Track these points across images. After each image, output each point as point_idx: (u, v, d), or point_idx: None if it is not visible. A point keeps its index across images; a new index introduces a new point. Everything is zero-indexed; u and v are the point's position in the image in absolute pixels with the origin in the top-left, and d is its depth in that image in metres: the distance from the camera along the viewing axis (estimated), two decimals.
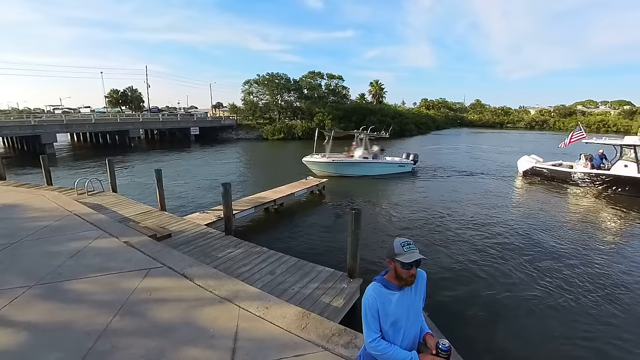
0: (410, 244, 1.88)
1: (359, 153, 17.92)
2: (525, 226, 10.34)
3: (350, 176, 17.30)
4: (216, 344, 3.18)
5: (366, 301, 1.90)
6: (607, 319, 5.69)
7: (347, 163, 17.34)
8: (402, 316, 1.92)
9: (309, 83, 50.73)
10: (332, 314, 4.50)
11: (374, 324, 1.87)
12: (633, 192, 13.65)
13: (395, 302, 1.90)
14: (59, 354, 3.05)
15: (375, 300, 1.87)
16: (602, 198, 13.75)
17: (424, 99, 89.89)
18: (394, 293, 1.91)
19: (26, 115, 36.49)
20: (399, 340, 1.92)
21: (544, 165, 17.18)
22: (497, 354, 4.91)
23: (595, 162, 15.48)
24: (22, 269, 4.74)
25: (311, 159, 17.52)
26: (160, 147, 33.72)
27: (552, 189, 15.33)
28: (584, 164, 15.66)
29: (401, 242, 1.88)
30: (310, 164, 17.55)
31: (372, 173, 17.71)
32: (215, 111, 66.01)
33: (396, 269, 1.89)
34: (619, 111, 78.54)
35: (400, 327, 1.92)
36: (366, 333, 1.89)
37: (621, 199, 13.34)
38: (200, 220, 8.36)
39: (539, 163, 17.50)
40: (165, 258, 5.06)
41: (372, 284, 1.97)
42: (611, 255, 8.27)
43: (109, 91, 67.30)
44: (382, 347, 1.84)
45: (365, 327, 1.90)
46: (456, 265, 7.66)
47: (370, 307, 1.87)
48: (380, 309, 1.87)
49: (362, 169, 17.58)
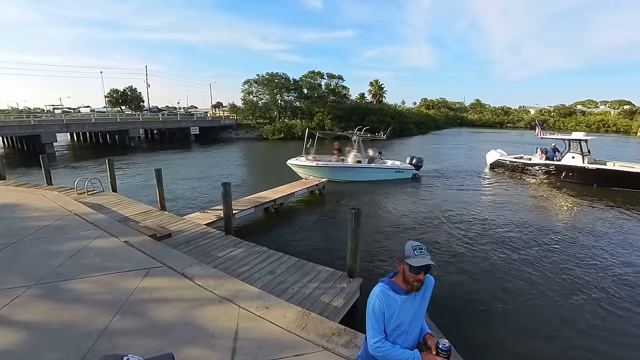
0: (422, 249, 1.85)
1: (351, 156, 16.42)
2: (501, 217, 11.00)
3: (338, 181, 15.64)
4: (216, 344, 3.18)
5: (372, 302, 1.88)
6: (607, 317, 5.70)
7: (334, 167, 15.72)
8: (407, 320, 1.91)
9: (309, 83, 50.65)
10: (332, 313, 4.50)
11: (378, 325, 1.85)
12: (579, 179, 16.32)
13: (400, 306, 1.88)
14: (59, 354, 3.05)
15: (382, 302, 1.85)
16: (555, 184, 16.51)
17: (424, 99, 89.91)
18: (400, 296, 1.89)
19: (26, 115, 36.49)
20: (401, 341, 1.91)
21: (507, 158, 19.65)
22: (497, 354, 4.91)
23: (550, 155, 17.99)
24: (22, 268, 4.74)
25: (296, 161, 16.13)
26: (160, 147, 33.70)
27: (515, 178, 17.89)
28: (540, 156, 18.20)
29: (413, 246, 1.85)
30: (295, 167, 16.20)
31: (363, 179, 16.00)
32: (215, 111, 65.95)
33: (404, 271, 1.87)
34: (618, 111, 78.54)
35: (404, 331, 1.91)
36: (370, 334, 1.87)
37: (570, 185, 16.14)
38: (200, 220, 8.36)
39: (503, 156, 19.90)
40: (165, 258, 5.06)
41: (378, 285, 1.95)
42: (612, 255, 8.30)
43: (109, 91, 67.19)
44: (385, 348, 1.83)
45: (369, 327, 1.88)
46: (455, 264, 7.66)
47: (375, 308, 1.85)
48: (386, 310, 1.85)
49: (351, 174, 15.97)
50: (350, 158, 16.45)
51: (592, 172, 15.87)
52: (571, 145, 16.93)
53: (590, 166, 15.98)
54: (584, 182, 16.02)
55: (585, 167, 16.04)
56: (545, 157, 17.95)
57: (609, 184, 15.40)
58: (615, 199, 13.54)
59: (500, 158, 19.88)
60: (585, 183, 15.96)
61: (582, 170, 16.15)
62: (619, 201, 13.29)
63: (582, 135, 16.86)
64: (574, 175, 16.49)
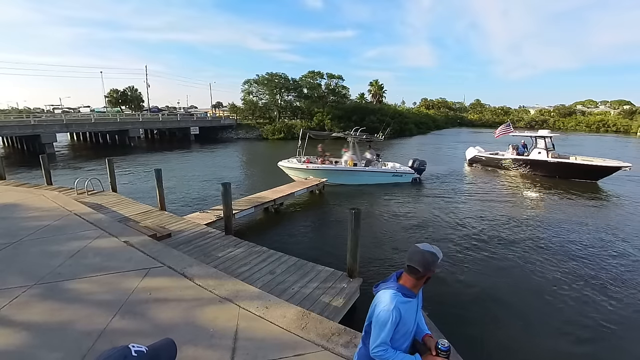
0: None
1: (345, 158, 15.76)
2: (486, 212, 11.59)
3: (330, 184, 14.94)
4: (216, 344, 3.18)
5: (391, 311, 1.78)
6: (606, 315, 5.71)
7: (326, 171, 14.96)
8: (412, 321, 1.90)
9: (309, 83, 50.62)
10: (332, 313, 4.51)
11: (388, 335, 1.80)
12: (544, 172, 18.10)
13: (410, 310, 1.87)
14: (59, 354, 3.05)
15: (399, 313, 1.80)
16: (524, 177, 18.33)
17: (423, 99, 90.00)
18: (411, 301, 1.87)
19: (26, 115, 36.48)
20: (404, 342, 1.90)
21: (483, 154, 21.63)
22: (497, 354, 4.92)
23: (520, 150, 19.73)
24: (22, 268, 4.74)
25: (287, 163, 15.57)
26: (160, 147, 33.69)
27: (490, 172, 19.89)
28: (511, 152, 20.03)
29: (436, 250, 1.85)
30: (286, 169, 15.65)
31: (356, 182, 15.20)
32: (215, 111, 65.91)
33: (428, 278, 1.86)
34: (618, 111, 78.48)
35: (409, 331, 1.91)
36: (379, 339, 1.80)
37: (537, 177, 17.97)
38: (200, 220, 8.36)
39: (480, 152, 21.80)
40: (165, 258, 5.06)
41: (392, 292, 1.84)
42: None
43: (109, 91, 67.29)
44: (388, 355, 1.81)
45: (378, 333, 1.81)
46: (455, 263, 7.66)
47: (394, 320, 1.78)
48: (400, 320, 1.81)
49: (345, 178, 15.23)
50: (345, 160, 15.72)
51: (554, 165, 17.67)
52: (537, 142, 18.68)
53: (551, 160, 17.72)
54: (549, 174, 17.86)
55: (548, 161, 17.81)
56: (515, 153, 19.67)
57: (569, 176, 17.17)
58: (571, 188, 15.38)
59: (477, 154, 21.74)
60: (549, 175, 17.82)
61: (546, 164, 17.90)
62: (572, 190, 15.21)
63: (547, 133, 18.74)
64: (539, 169, 18.25)
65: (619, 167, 15.89)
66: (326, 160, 15.85)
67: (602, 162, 16.61)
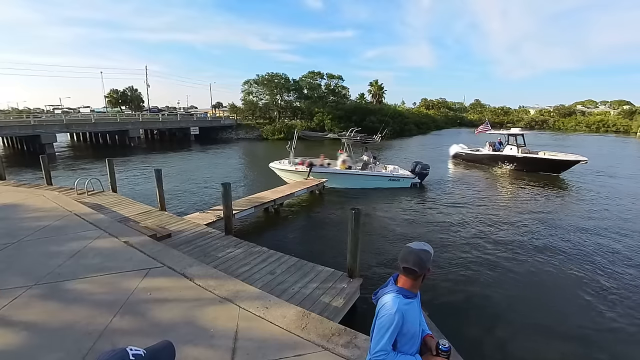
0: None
1: (340, 161, 15.18)
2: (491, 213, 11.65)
3: None
4: (216, 344, 3.18)
5: (393, 314, 1.76)
6: (606, 315, 5.71)
7: (317, 174, 14.43)
8: (417, 323, 1.87)
9: (309, 83, 50.69)
10: (332, 313, 4.51)
11: (390, 339, 1.78)
12: (517, 166, 19.80)
13: (413, 310, 1.86)
14: (59, 354, 3.05)
15: (402, 314, 1.78)
16: (497, 171, 20.17)
17: (423, 99, 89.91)
18: (412, 301, 1.86)
19: (26, 115, 36.55)
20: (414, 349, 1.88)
21: (464, 150, 23.66)
22: (497, 354, 4.91)
23: (496, 147, 21.68)
24: (22, 269, 4.74)
25: (278, 165, 15.23)
26: (160, 147, 33.69)
27: (469, 167, 21.67)
28: (488, 148, 22.03)
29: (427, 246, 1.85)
30: (277, 170, 15.30)
31: (349, 186, 14.68)
32: (215, 111, 65.91)
33: (425, 276, 1.85)
34: (618, 111, 78.45)
35: (418, 336, 1.89)
36: (381, 344, 1.77)
37: (508, 171, 19.83)
38: (200, 220, 8.36)
39: (462, 149, 23.81)
40: (165, 258, 5.06)
41: (393, 296, 1.82)
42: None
43: (109, 91, 67.26)
44: (389, 358, 1.79)
45: (380, 337, 1.78)
46: (455, 263, 7.65)
47: (396, 320, 1.76)
48: (403, 323, 1.79)
49: (337, 181, 14.68)
50: (339, 163, 15.13)
51: (522, 160, 19.48)
52: (509, 139, 20.77)
53: (519, 155, 19.56)
54: (519, 168, 19.64)
55: (516, 156, 19.71)
56: (492, 149, 21.70)
57: (535, 169, 18.94)
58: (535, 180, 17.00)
59: (458, 151, 23.94)
60: (519, 169, 19.59)
61: (515, 159, 19.81)
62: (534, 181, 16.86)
63: (518, 130, 21.02)
64: (511, 163, 20.06)
65: (577, 161, 17.81)
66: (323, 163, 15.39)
67: (564, 156, 18.47)
